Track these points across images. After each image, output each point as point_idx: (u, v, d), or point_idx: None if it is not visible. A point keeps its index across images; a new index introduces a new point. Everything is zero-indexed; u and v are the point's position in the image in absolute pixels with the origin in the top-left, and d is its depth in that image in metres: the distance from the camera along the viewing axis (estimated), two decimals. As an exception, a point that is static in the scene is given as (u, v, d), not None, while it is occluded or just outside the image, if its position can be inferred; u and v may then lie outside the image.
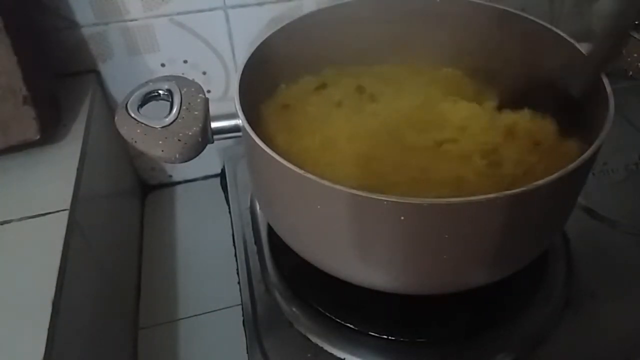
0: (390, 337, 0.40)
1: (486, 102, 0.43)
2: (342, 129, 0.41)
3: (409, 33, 0.48)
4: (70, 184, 0.42)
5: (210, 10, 0.53)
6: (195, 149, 0.36)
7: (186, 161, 0.36)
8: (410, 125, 0.41)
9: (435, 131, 0.40)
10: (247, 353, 0.40)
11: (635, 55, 0.56)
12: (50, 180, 0.42)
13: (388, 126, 0.41)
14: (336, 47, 0.47)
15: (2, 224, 0.39)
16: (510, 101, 0.41)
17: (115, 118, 0.36)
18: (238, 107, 0.35)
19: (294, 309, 0.42)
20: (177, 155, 0.36)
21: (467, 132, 0.40)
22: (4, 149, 0.43)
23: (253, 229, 0.49)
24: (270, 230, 0.48)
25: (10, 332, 0.33)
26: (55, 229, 0.38)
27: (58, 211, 0.40)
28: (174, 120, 0.36)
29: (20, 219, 0.39)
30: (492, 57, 0.45)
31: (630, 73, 0.58)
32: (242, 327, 0.42)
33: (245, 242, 0.48)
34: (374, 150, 0.39)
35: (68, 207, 0.40)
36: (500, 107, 0.42)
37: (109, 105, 0.57)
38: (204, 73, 0.58)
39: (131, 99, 0.37)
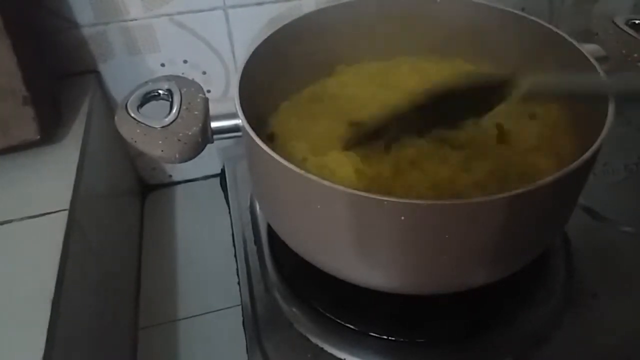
0: (390, 338, 0.40)
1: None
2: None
3: (408, 33, 0.48)
4: (70, 183, 0.42)
5: (210, 10, 0.53)
6: (195, 148, 0.36)
7: (186, 161, 0.36)
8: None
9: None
10: (247, 353, 0.40)
11: (636, 55, 0.56)
12: (50, 180, 0.42)
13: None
14: (335, 47, 0.47)
15: (2, 224, 0.39)
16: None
17: (115, 118, 0.36)
18: (238, 106, 0.35)
19: (293, 309, 0.42)
20: (177, 155, 0.36)
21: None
22: (4, 149, 0.43)
23: (253, 228, 0.49)
24: (270, 230, 0.48)
25: (10, 332, 0.33)
26: (55, 228, 0.38)
27: (58, 211, 0.40)
28: (173, 120, 0.36)
29: (21, 219, 0.39)
30: (491, 57, 0.45)
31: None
32: (242, 328, 0.42)
33: (245, 242, 0.48)
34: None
35: (68, 207, 0.40)
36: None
37: (109, 105, 0.57)
38: (204, 73, 0.58)
39: (131, 98, 0.37)
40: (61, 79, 0.53)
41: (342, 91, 0.45)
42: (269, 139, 0.41)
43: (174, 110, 0.36)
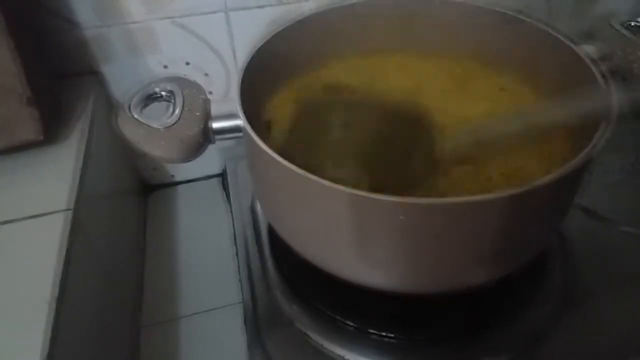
0: (389, 336, 0.40)
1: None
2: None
3: (408, 34, 0.48)
4: (73, 184, 0.42)
5: (212, 12, 0.53)
6: (197, 149, 0.36)
7: (188, 161, 0.37)
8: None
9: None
10: (248, 351, 0.40)
11: (632, 57, 0.56)
12: (52, 181, 0.42)
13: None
14: (336, 49, 0.48)
15: (4, 224, 0.39)
16: None
17: (118, 119, 0.36)
18: (239, 107, 0.36)
19: (294, 308, 0.42)
20: (179, 156, 0.36)
21: None
22: (6, 150, 0.43)
23: (254, 228, 0.50)
24: (271, 229, 0.48)
25: (13, 331, 0.33)
26: (58, 228, 0.38)
27: (60, 211, 0.40)
28: (175, 121, 0.36)
29: (23, 219, 0.39)
30: (490, 59, 0.45)
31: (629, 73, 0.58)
32: (243, 325, 0.42)
33: (246, 241, 0.49)
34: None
35: (71, 207, 0.40)
36: None
37: (111, 106, 0.57)
38: (206, 74, 0.58)
39: (133, 100, 0.37)
40: (62, 79, 0.52)
41: (337, 81, 0.46)
42: (266, 127, 0.42)
43: (176, 112, 0.37)
